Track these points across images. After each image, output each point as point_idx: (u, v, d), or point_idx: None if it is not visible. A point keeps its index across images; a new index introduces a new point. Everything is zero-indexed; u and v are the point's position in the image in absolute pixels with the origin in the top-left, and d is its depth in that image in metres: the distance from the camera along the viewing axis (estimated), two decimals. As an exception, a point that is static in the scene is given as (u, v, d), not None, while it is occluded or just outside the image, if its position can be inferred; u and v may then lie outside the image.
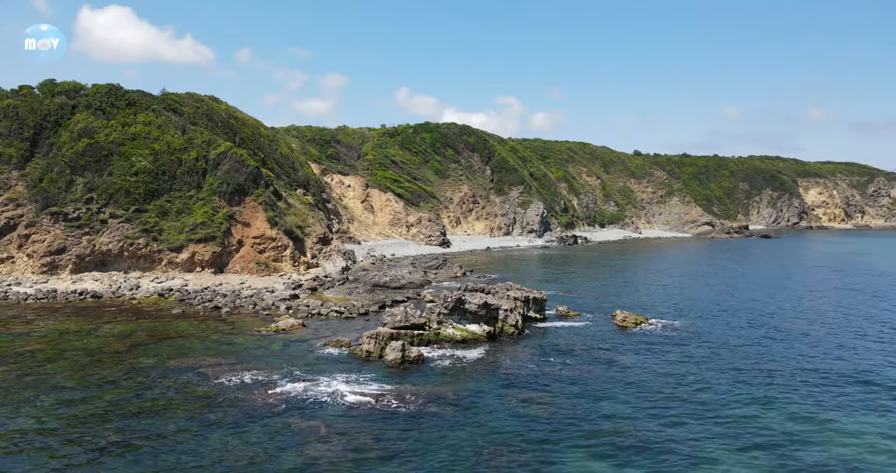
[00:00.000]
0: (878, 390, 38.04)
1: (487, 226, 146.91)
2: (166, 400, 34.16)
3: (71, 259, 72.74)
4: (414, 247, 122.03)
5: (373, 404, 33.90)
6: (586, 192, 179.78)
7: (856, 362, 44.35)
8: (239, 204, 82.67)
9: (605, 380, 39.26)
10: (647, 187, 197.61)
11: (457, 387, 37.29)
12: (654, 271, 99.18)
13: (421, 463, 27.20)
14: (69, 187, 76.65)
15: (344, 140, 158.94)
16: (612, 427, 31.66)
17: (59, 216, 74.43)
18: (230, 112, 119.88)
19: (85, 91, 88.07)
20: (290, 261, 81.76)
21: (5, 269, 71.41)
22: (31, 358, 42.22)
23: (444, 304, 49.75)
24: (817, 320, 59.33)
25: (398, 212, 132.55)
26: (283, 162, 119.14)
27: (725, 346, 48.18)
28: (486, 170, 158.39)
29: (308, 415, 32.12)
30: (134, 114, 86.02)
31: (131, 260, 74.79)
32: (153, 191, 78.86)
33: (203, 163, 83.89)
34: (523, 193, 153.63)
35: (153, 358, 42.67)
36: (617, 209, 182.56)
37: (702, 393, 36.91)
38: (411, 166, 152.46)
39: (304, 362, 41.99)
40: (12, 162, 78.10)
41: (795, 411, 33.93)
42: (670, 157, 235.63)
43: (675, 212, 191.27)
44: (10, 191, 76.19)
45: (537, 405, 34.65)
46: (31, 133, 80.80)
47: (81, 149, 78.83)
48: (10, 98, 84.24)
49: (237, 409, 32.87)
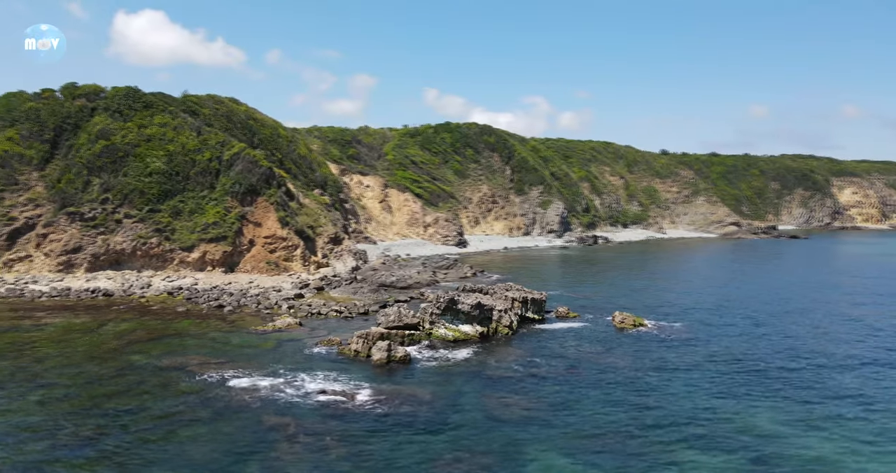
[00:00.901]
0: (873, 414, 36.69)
1: (506, 226, 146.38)
2: (147, 397, 34.90)
3: (86, 258, 74.61)
4: (430, 247, 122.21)
5: (347, 403, 34.14)
6: (609, 192, 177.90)
7: (851, 375, 42.81)
8: (251, 204, 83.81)
9: (586, 383, 38.88)
10: (672, 187, 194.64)
11: (436, 388, 37.32)
12: (668, 272, 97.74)
13: (381, 463, 27.31)
14: (86, 188, 78.62)
15: (365, 140, 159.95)
16: (582, 430, 31.38)
17: (76, 216, 76.38)
18: (250, 113, 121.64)
19: (104, 94, 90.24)
20: (301, 261, 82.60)
21: (23, 268, 73.56)
22: (30, 354, 43.49)
23: (436, 305, 49.79)
24: (825, 329, 56.52)
25: (415, 211, 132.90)
26: (300, 162, 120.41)
27: (717, 352, 47.17)
28: (507, 169, 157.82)
29: (281, 413, 32.51)
30: (150, 116, 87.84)
31: (144, 260, 76.41)
32: (167, 191, 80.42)
33: (216, 163, 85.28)
34: (543, 193, 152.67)
35: (146, 355, 43.57)
36: (640, 209, 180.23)
37: (682, 399, 36.26)
38: (431, 166, 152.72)
39: (291, 361, 42.44)
40: (33, 163, 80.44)
41: (774, 422, 32.96)
42: (698, 157, 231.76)
43: (700, 212, 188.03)
44: (30, 191, 78.47)
45: (513, 406, 34.50)
46: (51, 135, 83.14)
47: (98, 151, 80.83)
48: (33, 101, 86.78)
49: (214, 406, 33.43)
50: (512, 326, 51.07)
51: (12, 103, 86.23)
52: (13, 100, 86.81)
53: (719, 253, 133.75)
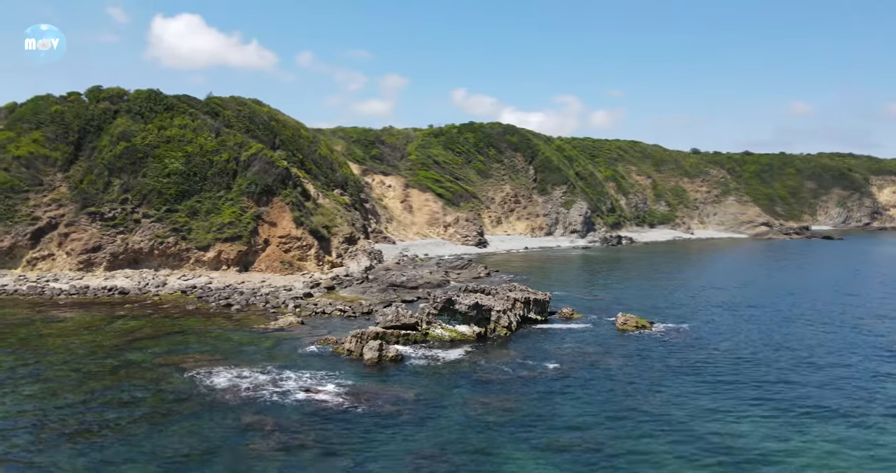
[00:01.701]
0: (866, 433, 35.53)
1: (529, 226, 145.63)
2: (136, 393, 35.70)
3: (105, 257, 76.58)
4: (450, 247, 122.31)
5: (328, 401, 34.41)
6: (635, 192, 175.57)
7: (856, 390, 40.84)
8: (267, 204, 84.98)
9: (573, 385, 38.47)
10: (702, 186, 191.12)
11: (420, 388, 37.35)
12: (687, 273, 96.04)
13: (349, 461, 27.46)
14: (106, 188, 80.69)
15: (388, 140, 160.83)
16: (560, 433, 31.05)
17: (96, 216, 78.46)
18: (272, 114, 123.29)
19: (127, 96, 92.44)
20: (315, 260, 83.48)
21: (45, 266, 75.84)
22: (35, 349, 44.82)
23: (433, 305, 49.83)
24: (840, 340, 52.76)
25: (436, 211, 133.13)
26: (321, 163, 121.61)
27: (717, 356, 46.07)
28: (530, 169, 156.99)
29: (260, 410, 32.92)
30: (171, 118, 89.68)
31: (161, 259, 78.09)
32: (184, 191, 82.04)
33: (234, 164, 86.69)
34: (567, 193, 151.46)
35: (145, 352, 44.53)
36: (668, 209, 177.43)
37: (670, 404, 35.51)
38: (454, 166, 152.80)
39: (284, 359, 42.92)
40: (57, 164, 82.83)
41: (760, 434, 31.99)
42: (731, 155, 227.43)
43: (730, 211, 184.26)
44: (54, 191, 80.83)
45: (495, 408, 34.32)
46: (75, 137, 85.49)
47: (119, 152, 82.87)
48: (59, 104, 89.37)
49: (197, 402, 34.02)
50: (510, 327, 50.80)
51: (39, 106, 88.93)
52: (40, 104, 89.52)
53: (745, 254, 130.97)
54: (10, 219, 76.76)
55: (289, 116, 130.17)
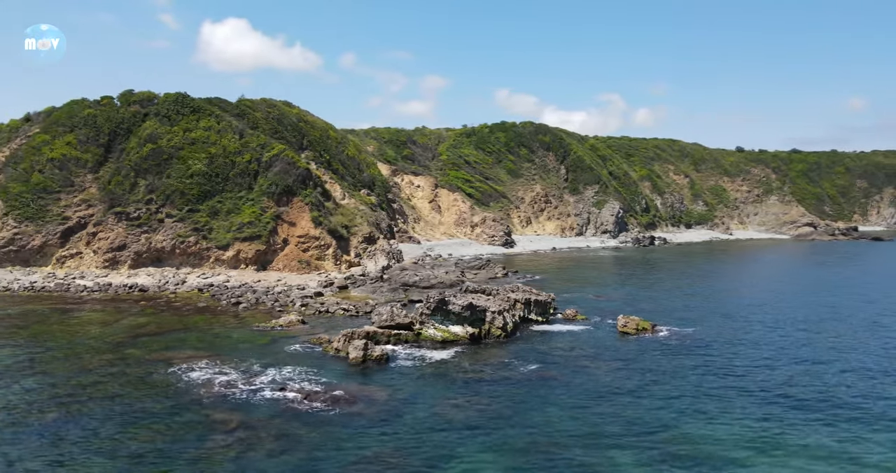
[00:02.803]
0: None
1: (559, 226, 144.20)
2: (117, 388, 36.81)
3: (129, 255, 79.17)
4: (476, 247, 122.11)
5: (300, 400, 34.78)
6: (672, 191, 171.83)
7: (857, 406, 38.47)
8: (287, 204, 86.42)
9: (555, 388, 37.90)
10: (742, 185, 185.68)
11: (397, 388, 37.42)
12: (713, 274, 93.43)
13: (303, 458, 27.73)
14: (133, 189, 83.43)
15: (420, 141, 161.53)
16: (529, 437, 30.58)
17: (122, 215, 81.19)
18: (301, 116, 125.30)
19: (156, 100, 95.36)
20: (333, 260, 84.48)
21: (74, 264, 78.90)
22: (41, 344, 46.71)
23: (426, 305, 49.87)
24: (862, 352, 48.85)
25: (464, 211, 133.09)
26: (349, 163, 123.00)
27: (714, 362, 44.55)
28: (561, 169, 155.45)
29: (230, 407, 33.53)
30: (197, 121, 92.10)
31: (182, 257, 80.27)
32: (206, 192, 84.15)
33: (256, 165, 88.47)
34: (599, 193, 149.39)
35: (143, 348, 45.87)
36: (706, 209, 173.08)
37: (652, 410, 34.44)
38: (484, 166, 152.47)
39: (272, 357, 43.59)
40: (88, 166, 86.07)
41: (741, 444, 30.77)
42: (776, 154, 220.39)
43: (772, 211, 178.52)
44: (84, 192, 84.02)
45: (464, 409, 34.14)
46: (105, 139, 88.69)
47: (145, 154, 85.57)
48: (91, 108, 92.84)
49: (173, 399, 34.89)
50: (506, 328, 50.41)
51: (73, 110, 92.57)
52: (75, 107, 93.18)
53: (782, 256, 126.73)
54: (42, 218, 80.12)
55: (318, 117, 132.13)
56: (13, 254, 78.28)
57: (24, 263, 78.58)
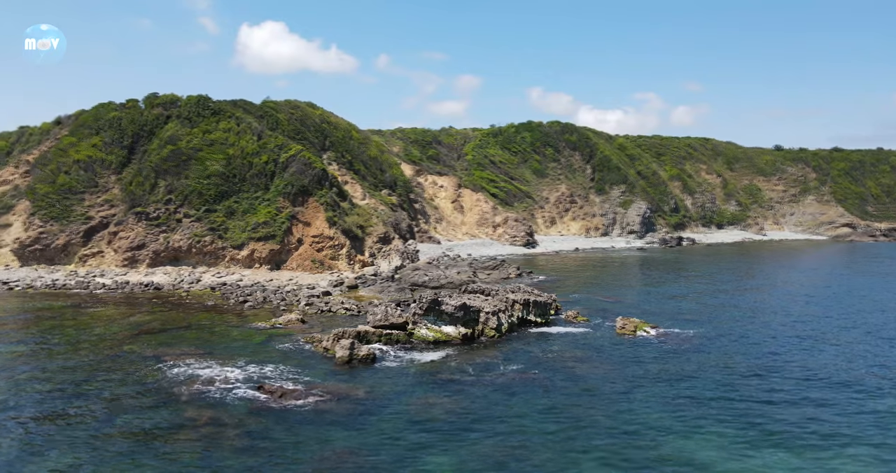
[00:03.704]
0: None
1: (583, 227, 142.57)
2: (102, 383, 37.76)
3: (148, 254, 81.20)
4: (497, 247, 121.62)
5: (276, 397, 35.13)
6: (703, 191, 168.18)
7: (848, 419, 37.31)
8: (303, 204, 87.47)
9: (535, 390, 37.42)
10: (778, 185, 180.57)
11: (376, 387, 37.48)
12: (734, 275, 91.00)
13: (264, 455, 28.00)
14: (153, 189, 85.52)
15: (446, 141, 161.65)
16: (497, 440, 30.22)
17: (142, 215, 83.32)
18: (324, 117, 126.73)
19: (179, 102, 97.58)
20: (346, 260, 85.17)
21: (95, 262, 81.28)
22: (46, 340, 48.26)
23: (419, 305, 49.85)
24: (870, 362, 49.90)
25: (486, 211, 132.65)
26: (370, 163, 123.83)
27: (707, 366, 43.46)
28: (587, 168, 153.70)
29: (204, 405, 34.05)
30: (216, 122, 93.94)
31: (198, 256, 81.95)
32: (223, 192, 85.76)
33: (272, 165, 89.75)
34: (625, 192, 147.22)
35: (141, 344, 46.96)
36: (739, 209, 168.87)
37: (622, 414, 33.58)
38: (509, 166, 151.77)
39: (262, 355, 44.12)
40: (111, 167, 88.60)
41: (714, 455, 30.01)
42: (817, 152, 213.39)
43: (809, 212, 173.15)
44: (107, 193, 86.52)
45: (437, 409, 33.98)
46: (129, 141, 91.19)
47: (165, 155, 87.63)
48: (117, 110, 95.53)
49: (151, 394, 35.65)
50: (500, 329, 50.06)
51: (100, 113, 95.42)
52: (101, 110, 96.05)
53: (816, 257, 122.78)
54: (66, 218, 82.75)
55: (342, 118, 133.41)
56: (38, 253, 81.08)
57: (49, 262, 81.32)
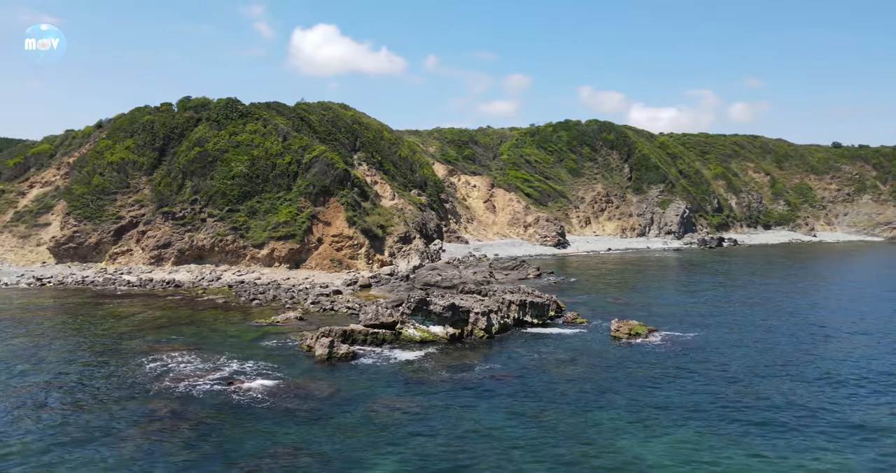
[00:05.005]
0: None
1: (619, 227, 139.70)
2: (84, 377, 39.18)
3: (173, 252, 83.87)
4: (527, 248, 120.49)
5: (241, 393, 35.71)
6: (749, 190, 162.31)
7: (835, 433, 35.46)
8: (324, 204, 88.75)
9: (505, 392, 36.76)
10: (831, 184, 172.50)
11: (344, 386, 37.59)
12: (763, 278, 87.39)
13: (212, 448, 28.51)
14: (180, 190, 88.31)
15: (482, 141, 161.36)
16: (446, 442, 29.91)
17: (169, 215, 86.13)
18: (356, 118, 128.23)
19: (210, 105, 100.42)
20: (365, 259, 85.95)
21: (124, 260, 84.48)
22: (52, 334, 50.40)
23: (407, 304, 49.83)
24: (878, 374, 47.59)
25: (518, 211, 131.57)
26: (401, 164, 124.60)
27: (693, 373, 41.86)
28: (625, 167, 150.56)
29: (170, 398, 34.88)
30: (244, 124, 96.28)
31: (221, 255, 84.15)
32: (246, 192, 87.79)
33: (296, 166, 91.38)
34: (664, 192, 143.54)
35: (139, 340, 48.51)
36: (788, 209, 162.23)
37: (591, 421, 32.78)
38: (545, 165, 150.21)
39: (247, 352, 44.92)
40: (143, 169, 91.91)
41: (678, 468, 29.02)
42: (878, 149, 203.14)
43: (864, 212, 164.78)
44: (138, 193, 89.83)
45: (396, 410, 33.82)
46: (161, 144, 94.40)
47: (193, 157, 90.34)
48: (151, 114, 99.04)
49: (123, 388, 36.78)
50: (489, 329, 49.56)
51: (135, 116, 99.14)
52: (136, 114, 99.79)
53: (865, 260, 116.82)
54: (99, 217, 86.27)
55: (373, 118, 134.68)
56: (72, 251, 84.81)
57: (82, 259, 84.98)
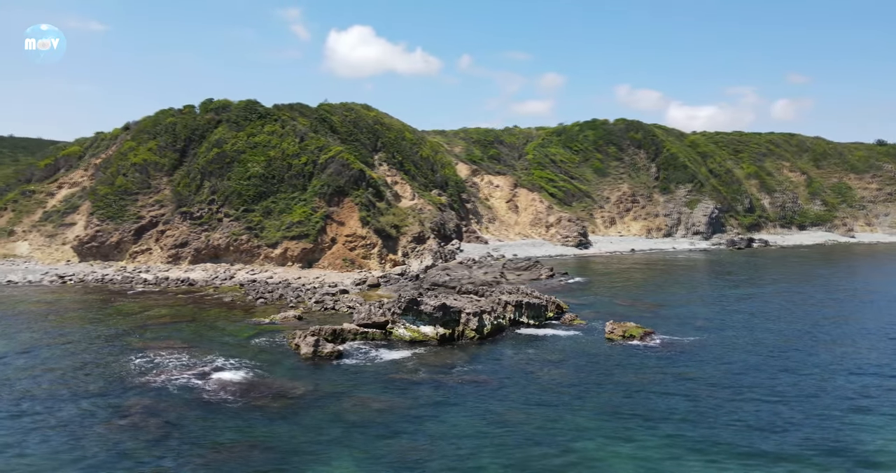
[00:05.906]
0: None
1: (645, 227, 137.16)
2: (72, 372, 40.15)
3: (190, 251, 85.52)
4: (548, 248, 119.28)
5: (216, 390, 36.15)
6: (784, 190, 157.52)
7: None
8: (338, 204, 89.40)
9: (479, 396, 36.37)
10: (871, 183, 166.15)
11: (321, 384, 37.70)
12: (784, 281, 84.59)
13: (175, 443, 28.94)
14: (198, 190, 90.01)
15: (508, 140, 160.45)
16: (412, 444, 29.75)
17: (187, 215, 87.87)
18: (378, 118, 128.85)
19: (230, 107, 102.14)
20: (378, 259, 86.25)
21: (143, 259, 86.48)
22: (60, 329, 51.84)
23: (398, 304, 49.76)
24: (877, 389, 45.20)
25: (540, 211, 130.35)
26: (422, 164, 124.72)
27: (683, 378, 40.68)
28: (652, 167, 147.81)
29: (144, 394, 35.53)
30: (262, 126, 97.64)
31: (235, 254, 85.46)
32: (261, 193, 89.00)
33: (311, 166, 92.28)
34: (692, 191, 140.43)
35: (138, 337, 49.54)
36: (825, 209, 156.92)
37: (563, 427, 32.04)
38: (570, 165, 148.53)
39: (237, 350, 45.44)
40: (164, 169, 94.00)
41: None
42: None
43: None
44: (158, 194, 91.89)
45: (366, 409, 33.79)
46: (182, 145, 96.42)
47: (211, 158, 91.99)
48: (174, 116, 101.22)
49: (106, 383, 37.58)
50: (481, 330, 49.12)
51: (159, 118, 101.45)
52: (160, 116, 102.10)
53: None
54: (121, 217, 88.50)
55: (395, 119, 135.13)
56: (95, 250, 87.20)
57: (104, 258, 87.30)
